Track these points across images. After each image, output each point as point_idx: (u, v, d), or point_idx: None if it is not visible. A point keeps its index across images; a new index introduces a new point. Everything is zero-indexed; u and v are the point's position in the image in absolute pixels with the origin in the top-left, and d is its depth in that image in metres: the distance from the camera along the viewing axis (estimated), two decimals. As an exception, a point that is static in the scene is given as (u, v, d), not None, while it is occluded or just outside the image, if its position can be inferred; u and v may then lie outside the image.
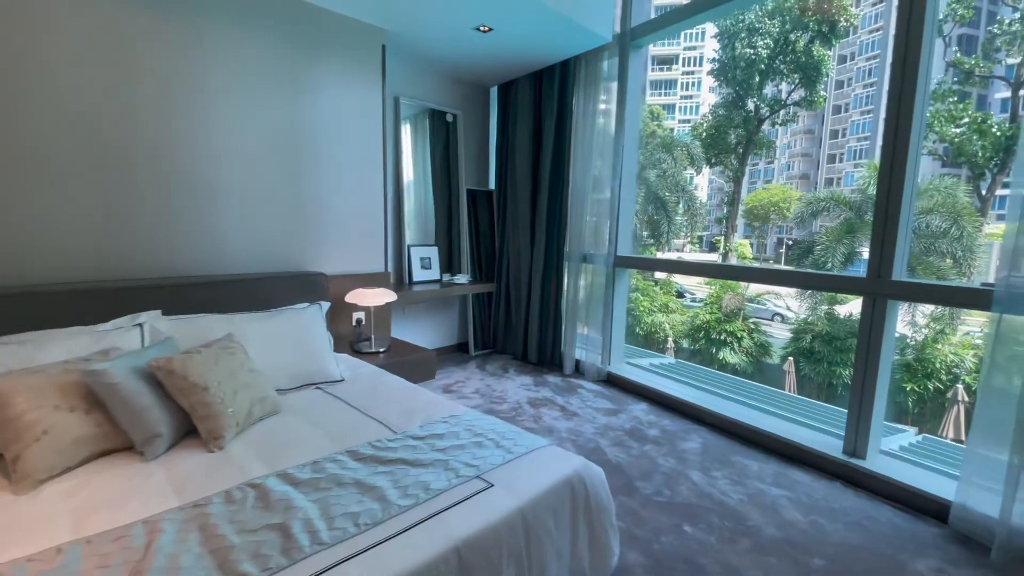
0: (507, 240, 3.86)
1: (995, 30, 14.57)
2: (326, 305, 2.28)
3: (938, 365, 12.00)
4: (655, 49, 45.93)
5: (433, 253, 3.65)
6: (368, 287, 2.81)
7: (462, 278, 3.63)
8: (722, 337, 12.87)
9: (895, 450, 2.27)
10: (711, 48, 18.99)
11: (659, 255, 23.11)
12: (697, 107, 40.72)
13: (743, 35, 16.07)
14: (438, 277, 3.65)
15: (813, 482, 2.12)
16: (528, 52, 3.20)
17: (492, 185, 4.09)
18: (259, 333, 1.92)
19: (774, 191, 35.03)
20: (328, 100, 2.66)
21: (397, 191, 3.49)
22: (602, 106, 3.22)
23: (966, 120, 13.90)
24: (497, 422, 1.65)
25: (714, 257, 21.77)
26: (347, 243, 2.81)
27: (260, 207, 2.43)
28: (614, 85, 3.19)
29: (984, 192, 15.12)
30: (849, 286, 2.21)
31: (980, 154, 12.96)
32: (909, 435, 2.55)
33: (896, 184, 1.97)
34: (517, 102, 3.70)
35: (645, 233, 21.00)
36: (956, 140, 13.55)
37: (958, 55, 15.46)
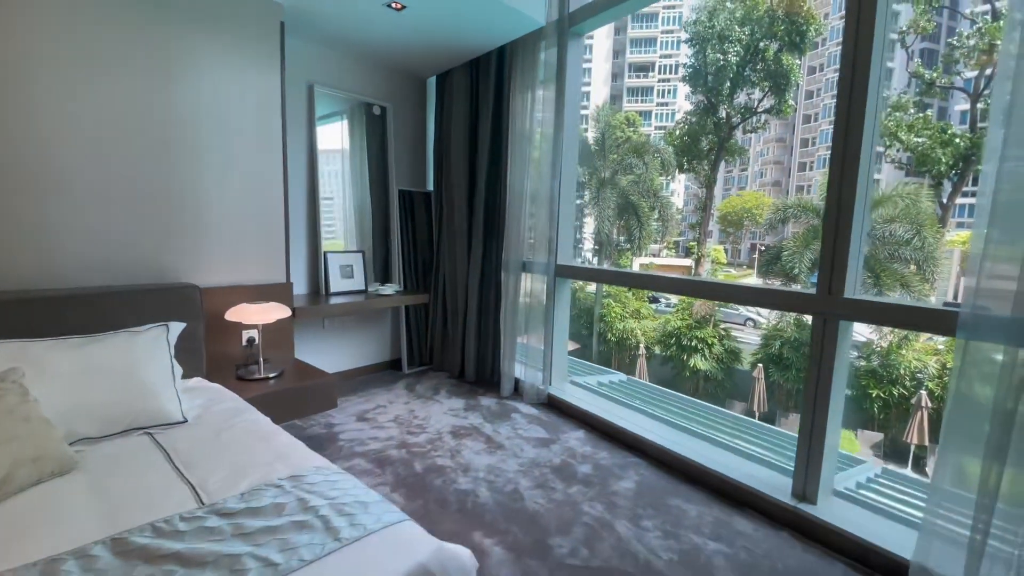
0: (443, 247, 3.51)
1: (955, 42, 14.93)
2: (177, 326, 1.89)
3: (902, 371, 12.11)
4: (632, 56, 46.47)
5: (356, 260, 3.27)
6: (262, 301, 2.42)
7: (389, 288, 3.26)
8: (693, 343, 12.75)
9: (851, 489, 1.99)
10: (685, 54, 19.05)
11: (636, 260, 23.08)
12: (673, 114, 41.22)
13: (714, 41, 16.13)
14: (363, 287, 3.27)
15: (757, 532, 1.82)
16: (455, 36, 2.86)
17: (431, 186, 3.73)
18: (66, 365, 1.51)
19: (747, 198, 35.64)
20: (211, 85, 2.27)
21: (312, 191, 3.10)
22: (539, 100, 2.90)
23: (927, 131, 14.16)
24: (351, 485, 1.29)
25: (689, 262, 21.82)
26: (234, 250, 2.42)
27: (110, 205, 2.02)
28: (553, 76, 2.88)
29: (945, 200, 15.44)
30: (798, 303, 1.92)
31: (943, 161, 13.19)
32: (868, 468, 2.29)
33: (847, 194, 1.70)
34: (453, 95, 3.36)
35: (622, 238, 20.95)
36: (918, 149, 13.79)
37: (920, 66, 15.80)
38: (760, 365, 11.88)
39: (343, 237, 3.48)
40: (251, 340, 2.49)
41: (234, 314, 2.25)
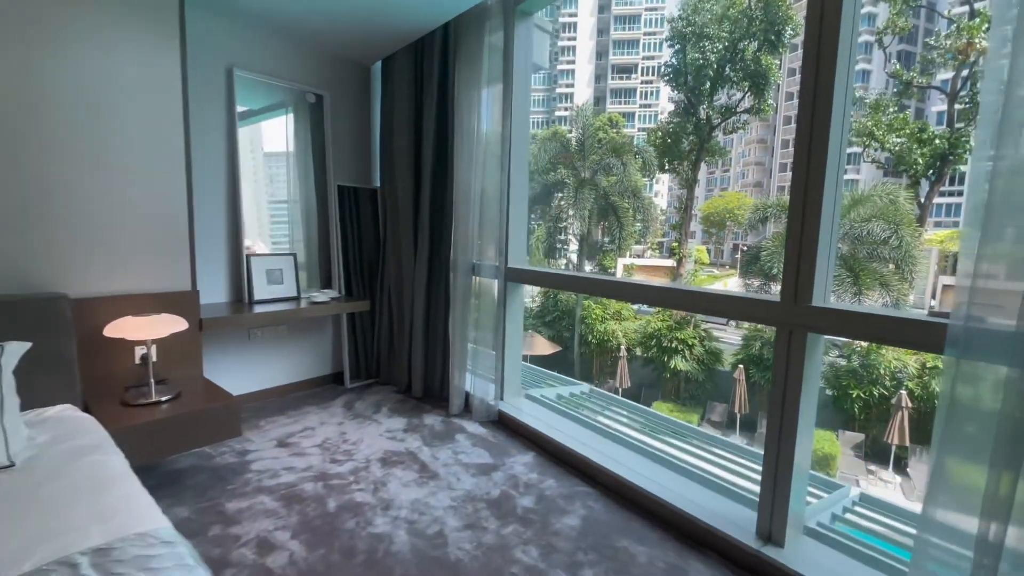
0: (389, 248, 3.21)
1: (932, 42, 15.05)
2: (16, 347, 1.55)
3: (882, 371, 12.08)
4: (615, 58, 46.61)
5: (286, 264, 2.95)
6: (160, 311, 2.09)
7: (322, 296, 2.94)
8: (673, 345, 12.59)
9: (825, 525, 1.73)
10: (667, 54, 19.00)
11: (619, 261, 22.96)
12: (656, 116, 41.44)
13: (693, 40, 16.05)
14: (294, 294, 2.95)
15: (717, 581, 1.55)
16: (391, 13, 2.57)
17: (379, 183, 3.42)
18: None
19: (729, 198, 35.89)
20: (85, 63, 1.94)
21: (233, 188, 2.77)
22: (485, 87, 2.61)
23: (905, 131, 14.22)
24: (173, 562, 0.98)
25: (671, 263, 21.76)
26: (121, 255, 2.08)
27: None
28: (500, 62, 2.60)
29: (923, 200, 15.55)
30: (759, 312, 1.65)
31: (920, 162, 13.24)
32: (844, 494, 2.04)
33: (813, 192, 1.44)
34: (396, 81, 3.06)
35: (606, 239, 20.80)
36: (896, 149, 13.83)
37: (898, 67, 15.90)
38: (741, 366, 11.75)
39: (290, 240, 3.18)
40: (145, 358, 2.16)
41: (115, 329, 1.92)
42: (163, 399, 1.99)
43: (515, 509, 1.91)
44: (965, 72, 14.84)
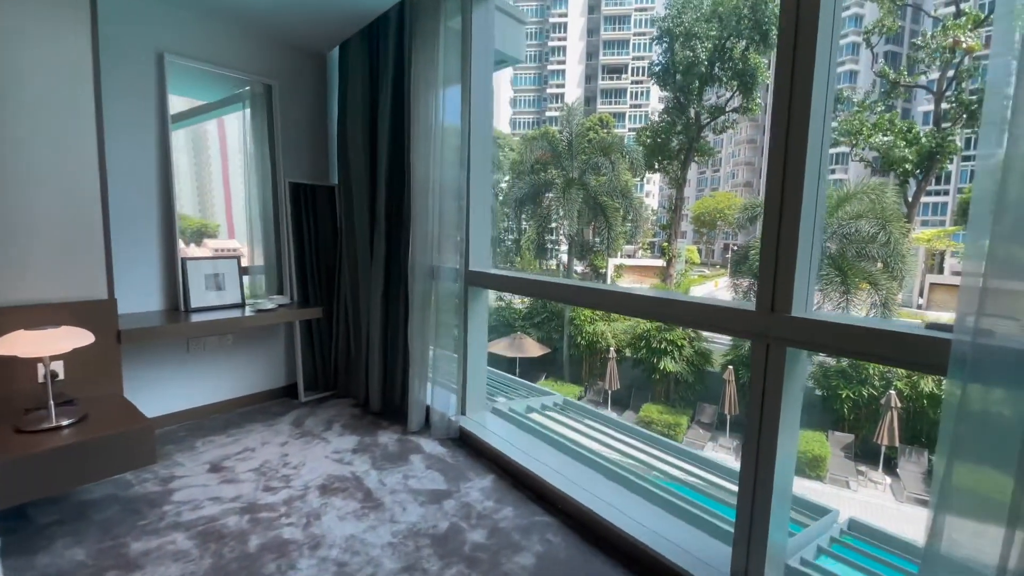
0: (345, 250, 2.97)
1: (918, 42, 15.05)
2: None
3: (872, 371, 12.00)
4: (605, 58, 46.62)
5: (228, 268, 2.70)
6: (68, 323, 1.85)
7: (270, 303, 2.70)
8: (663, 346, 12.44)
9: (810, 563, 1.53)
10: (656, 52, 18.89)
11: (611, 261, 22.81)
12: (646, 116, 41.49)
13: (681, 38, 15.95)
14: (238, 300, 2.71)
15: (685, 635, 1.34)
16: (336, -6, 2.34)
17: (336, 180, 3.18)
18: None
19: (720, 198, 35.97)
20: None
21: (166, 185, 2.52)
22: (442, 75, 2.39)
23: (892, 130, 14.20)
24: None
25: (662, 263, 21.64)
26: (15, 261, 1.84)
27: None
28: (458, 47, 2.38)
29: (910, 199, 15.55)
30: (732, 323, 1.44)
31: (908, 159, 13.21)
32: (831, 520, 1.84)
33: (792, 189, 1.24)
34: (351, 69, 2.83)
35: (597, 239, 20.63)
36: (883, 147, 13.80)
37: (885, 67, 15.89)
38: (731, 367, 11.62)
39: (247, 242, 2.95)
40: (54, 375, 1.91)
41: (3, 345, 1.68)
42: (64, 423, 1.75)
43: (463, 546, 1.69)
44: (951, 72, 14.86)
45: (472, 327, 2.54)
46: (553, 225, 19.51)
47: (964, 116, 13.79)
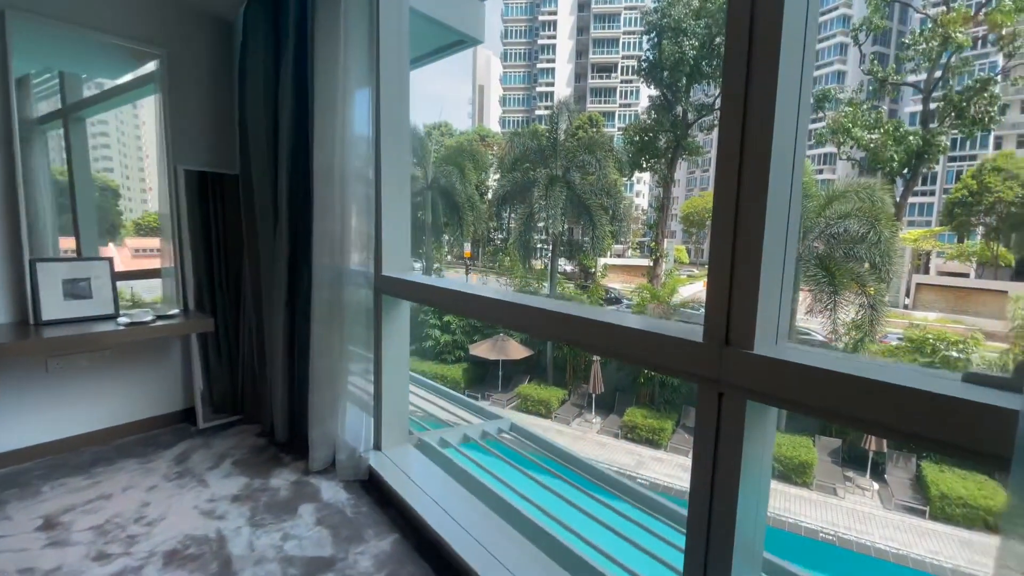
0: (247, 251, 2.52)
1: (907, 40, 14.83)
2: None
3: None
4: (594, 57, 46.36)
5: (98, 272, 2.23)
6: None
7: (146, 314, 2.24)
8: (647, 350, 12.06)
9: None
10: (644, 48, 18.55)
11: (600, 261, 22.45)
12: (636, 115, 41.32)
13: (669, 33, 15.60)
14: (109, 311, 2.24)
15: None
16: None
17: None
18: None
19: (709, 197, 35.81)
20: None
21: (9, 176, 2.05)
22: (348, 36, 1.95)
23: (880, 128, 13.97)
24: None
25: (649, 262, 21.32)
26: None
27: None
28: (365, 13, 1.94)
29: (898, 198, 15.35)
30: (673, 360, 1.00)
31: (896, 159, 12.97)
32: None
33: (754, 176, 0.82)
34: (251, 34, 2.37)
35: (586, 239, 20.26)
36: (872, 147, 13.55)
37: (873, 64, 15.68)
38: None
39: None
40: None
41: None
42: None
43: (323, 652, 1.25)
44: (938, 73, 14.67)
45: (388, 344, 2.10)
46: (542, 224, 19.14)
47: (952, 115, 13.59)
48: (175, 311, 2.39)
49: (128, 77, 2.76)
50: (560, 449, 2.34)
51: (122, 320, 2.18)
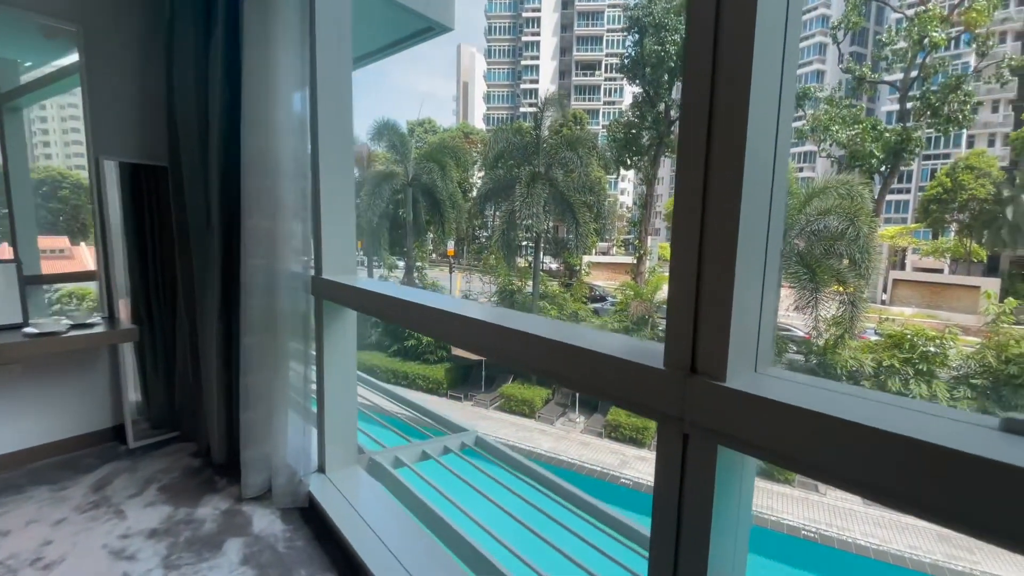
0: (179, 251, 2.28)
1: (883, 39, 14.97)
2: None
3: (839, 371, 11.82)
4: (578, 54, 46.29)
5: (3, 275, 1.97)
6: None
7: (56, 324, 1.99)
8: (631, 348, 12.00)
9: None
10: (627, 46, 18.44)
11: (585, 258, 22.34)
12: (620, 113, 41.36)
13: (651, 29, 15.52)
14: (16, 319, 1.98)
15: None
16: None
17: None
18: None
19: (692, 195, 36.13)
20: None
21: None
22: (281, 29, 1.72)
23: (859, 124, 14.08)
24: None
25: (632, 260, 21.28)
26: None
27: None
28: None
29: (876, 196, 15.52)
30: (630, 390, 0.82)
31: (875, 155, 13.08)
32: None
33: (722, 180, 0.63)
34: (179, 10, 2.13)
35: (571, 236, 20.12)
36: (850, 141, 13.65)
37: (851, 62, 15.81)
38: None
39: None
40: None
41: None
42: None
43: None
44: (914, 73, 14.84)
45: (332, 354, 1.88)
46: (529, 222, 18.95)
47: (928, 113, 13.76)
48: (95, 319, 2.13)
49: (65, 62, 2.50)
50: (527, 466, 2.15)
51: (28, 331, 1.92)
